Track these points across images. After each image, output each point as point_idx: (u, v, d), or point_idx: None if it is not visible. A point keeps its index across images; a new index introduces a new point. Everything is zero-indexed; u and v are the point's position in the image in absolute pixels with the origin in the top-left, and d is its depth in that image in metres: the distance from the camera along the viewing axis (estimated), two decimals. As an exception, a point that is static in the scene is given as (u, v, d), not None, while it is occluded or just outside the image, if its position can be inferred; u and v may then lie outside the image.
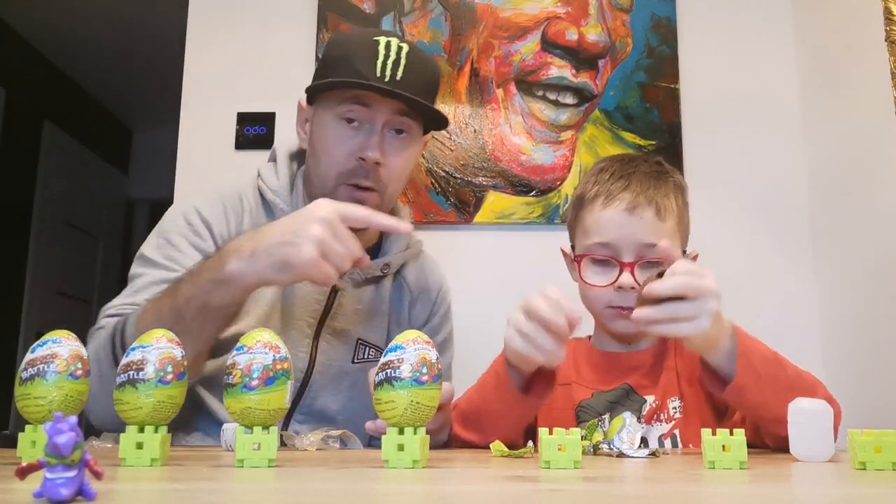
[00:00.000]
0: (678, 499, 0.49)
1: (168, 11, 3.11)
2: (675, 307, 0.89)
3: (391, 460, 0.62)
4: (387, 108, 1.11)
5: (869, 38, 1.60)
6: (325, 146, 1.13)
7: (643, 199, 1.11)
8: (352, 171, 1.11)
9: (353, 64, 1.09)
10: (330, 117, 1.12)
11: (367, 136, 1.11)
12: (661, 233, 1.11)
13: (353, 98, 1.10)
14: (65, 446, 0.39)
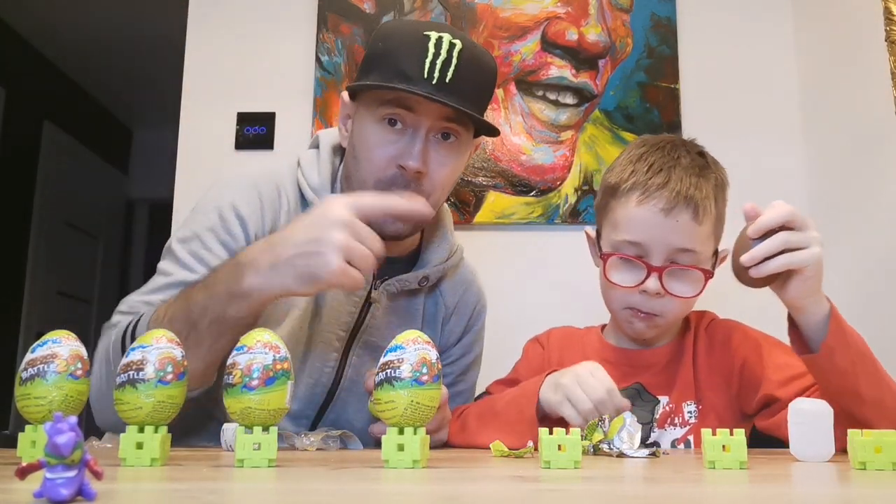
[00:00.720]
0: (678, 499, 0.49)
1: (168, 11, 3.11)
2: (786, 235, 0.85)
3: (391, 460, 0.62)
4: (433, 113, 1.01)
5: (869, 38, 1.60)
6: (365, 149, 1.04)
7: (681, 200, 1.04)
8: (391, 179, 1.02)
9: (398, 63, 1.00)
10: (371, 118, 1.03)
11: (409, 142, 1.02)
12: (697, 238, 1.05)
13: (397, 100, 1.01)
14: (65, 446, 0.39)
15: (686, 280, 1.06)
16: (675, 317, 1.10)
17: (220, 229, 1.04)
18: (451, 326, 1.21)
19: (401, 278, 1.12)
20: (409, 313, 1.16)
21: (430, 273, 1.15)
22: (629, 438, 0.81)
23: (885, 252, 1.57)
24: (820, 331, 0.90)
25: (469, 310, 1.24)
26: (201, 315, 0.90)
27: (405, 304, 1.16)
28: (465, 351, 1.24)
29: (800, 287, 0.89)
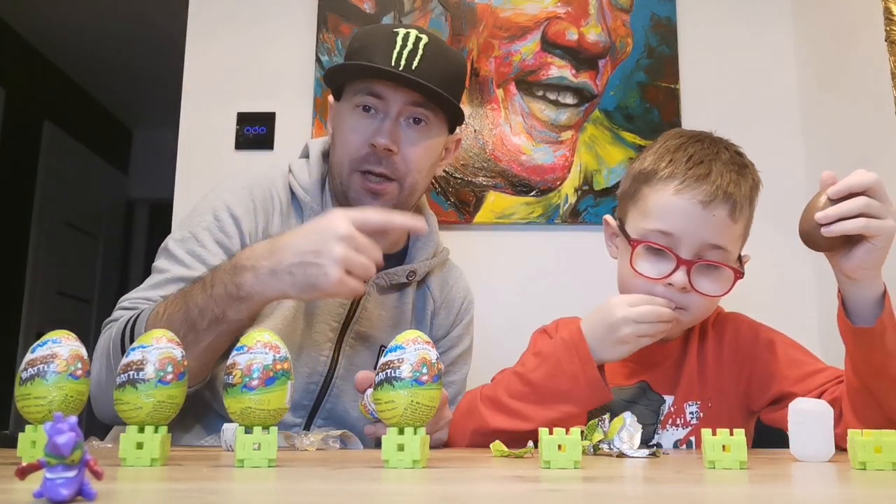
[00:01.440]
0: (678, 499, 0.49)
1: (168, 11, 3.11)
2: (867, 200, 0.83)
3: (391, 460, 0.62)
4: (400, 98, 1.10)
5: (869, 38, 1.60)
6: (340, 135, 1.14)
7: (721, 195, 1.01)
8: (364, 157, 1.10)
9: (368, 54, 1.09)
10: (347, 107, 1.13)
11: (378, 123, 1.10)
12: (729, 236, 1.03)
13: (366, 88, 1.10)
14: (65, 446, 0.39)
15: (714, 278, 1.03)
16: (696, 316, 1.06)
17: (215, 228, 1.09)
18: (439, 320, 1.26)
19: (389, 272, 1.17)
20: (399, 307, 1.20)
21: (417, 268, 1.20)
22: (629, 438, 0.81)
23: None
24: (871, 308, 0.89)
25: (457, 304, 1.28)
26: (200, 315, 0.93)
27: (395, 298, 1.20)
28: (453, 344, 1.27)
29: (866, 257, 0.87)
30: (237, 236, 1.09)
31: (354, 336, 1.15)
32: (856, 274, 0.89)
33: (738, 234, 1.05)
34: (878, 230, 0.84)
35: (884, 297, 0.89)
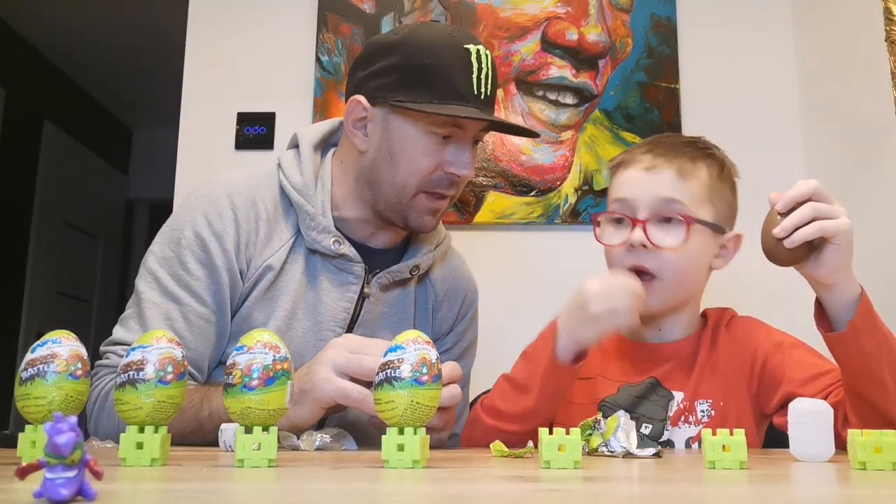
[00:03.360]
0: (678, 499, 0.49)
1: (168, 11, 3.11)
2: (815, 204, 0.86)
3: (391, 460, 0.62)
4: (478, 126, 1.08)
5: (869, 38, 1.60)
6: (409, 156, 1.07)
7: (663, 160, 1.08)
8: (436, 181, 1.08)
9: (451, 80, 1.04)
10: (417, 129, 1.06)
11: (458, 151, 1.08)
12: (682, 191, 1.06)
13: (452, 121, 1.05)
14: (65, 446, 0.39)
15: (674, 232, 1.05)
16: (672, 278, 1.06)
17: (196, 248, 1.07)
18: (442, 314, 1.23)
19: (391, 270, 1.14)
20: (401, 303, 1.18)
21: (420, 262, 1.17)
22: (626, 437, 0.81)
23: (885, 252, 1.57)
24: (848, 311, 0.90)
25: (460, 297, 1.26)
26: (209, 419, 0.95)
27: (397, 295, 1.17)
28: (458, 339, 1.26)
29: (832, 259, 0.88)
30: (220, 254, 1.07)
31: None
32: (829, 279, 0.91)
33: (693, 192, 1.07)
34: (836, 229, 0.86)
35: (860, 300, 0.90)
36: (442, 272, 1.24)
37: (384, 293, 1.16)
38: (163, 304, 1.05)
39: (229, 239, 1.07)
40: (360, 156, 1.11)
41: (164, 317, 1.05)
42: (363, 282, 1.12)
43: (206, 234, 1.07)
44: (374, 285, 1.13)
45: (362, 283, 1.12)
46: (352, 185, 1.13)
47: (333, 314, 1.11)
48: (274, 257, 1.09)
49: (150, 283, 1.07)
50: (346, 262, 1.11)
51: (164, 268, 1.07)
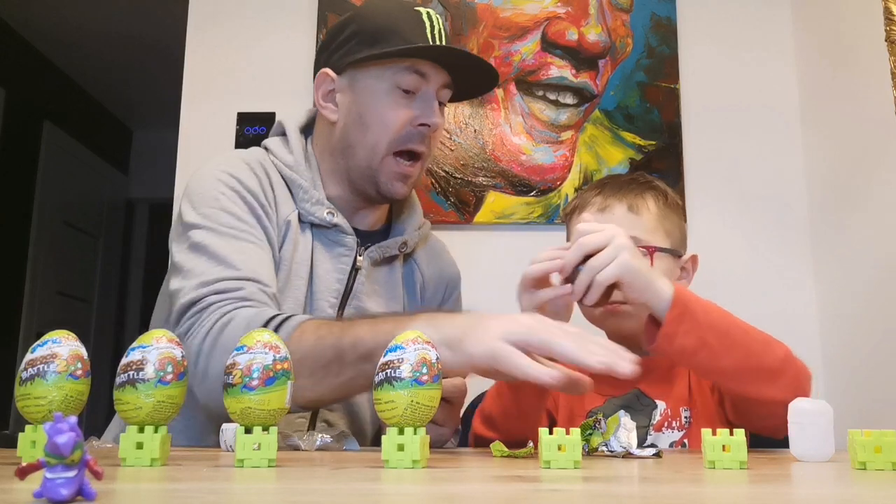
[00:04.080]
0: (678, 499, 0.49)
1: (168, 11, 3.11)
2: (591, 261, 0.90)
3: (391, 460, 0.62)
4: (440, 78, 1.12)
5: (869, 38, 1.60)
6: (378, 114, 1.10)
7: (614, 200, 1.13)
8: (406, 136, 1.11)
9: (404, 34, 1.08)
10: (382, 87, 1.10)
11: (425, 102, 1.11)
12: (637, 226, 1.11)
13: (411, 67, 1.09)
14: (65, 446, 0.39)
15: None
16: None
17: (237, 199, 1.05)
18: (429, 294, 1.26)
19: (381, 245, 1.18)
20: (390, 281, 1.21)
21: (408, 239, 1.21)
22: (626, 437, 0.81)
23: (886, 252, 1.57)
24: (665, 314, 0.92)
25: (445, 278, 1.29)
26: (353, 347, 0.87)
27: (385, 273, 1.21)
28: None
29: (630, 293, 0.93)
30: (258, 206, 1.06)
31: (353, 310, 1.15)
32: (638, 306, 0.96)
33: (646, 225, 1.12)
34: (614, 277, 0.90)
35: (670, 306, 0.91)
36: (425, 254, 1.27)
37: (374, 271, 1.18)
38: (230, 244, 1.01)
39: (260, 193, 1.08)
40: (332, 129, 1.15)
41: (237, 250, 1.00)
42: (355, 254, 1.15)
43: (238, 188, 1.07)
44: (365, 258, 1.16)
45: (354, 257, 1.15)
46: (329, 162, 1.16)
47: (328, 285, 1.12)
48: (290, 216, 1.11)
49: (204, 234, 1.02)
50: (339, 233, 1.13)
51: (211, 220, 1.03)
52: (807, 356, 1.86)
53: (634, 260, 0.91)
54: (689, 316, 0.90)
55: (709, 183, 1.90)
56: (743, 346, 0.92)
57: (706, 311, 0.92)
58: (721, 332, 0.91)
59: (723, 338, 0.91)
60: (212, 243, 1.00)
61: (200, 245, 1.00)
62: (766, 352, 0.93)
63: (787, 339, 1.87)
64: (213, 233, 1.01)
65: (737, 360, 0.92)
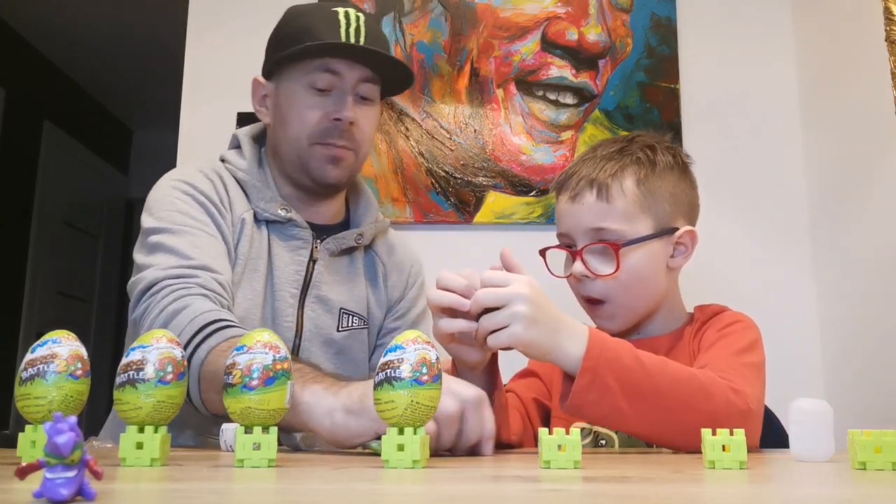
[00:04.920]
0: (678, 499, 0.49)
1: (168, 11, 3.11)
2: (485, 318, 0.84)
3: (391, 460, 0.62)
4: (354, 75, 1.16)
5: (869, 38, 1.60)
6: (295, 112, 1.16)
7: (584, 184, 1.08)
8: (325, 130, 1.15)
9: (316, 34, 1.13)
10: (298, 87, 1.16)
11: (339, 98, 1.15)
12: (608, 216, 1.06)
13: (322, 66, 1.14)
14: (65, 446, 0.39)
15: (605, 257, 1.07)
16: (621, 300, 1.08)
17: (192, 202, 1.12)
18: (392, 283, 1.31)
19: (337, 236, 1.23)
20: (351, 272, 1.26)
21: (364, 231, 1.26)
22: None
23: (886, 251, 1.57)
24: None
25: (406, 266, 1.33)
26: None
27: (346, 263, 1.26)
28: (411, 305, 1.32)
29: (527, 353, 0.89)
30: (212, 206, 1.13)
31: (314, 299, 1.20)
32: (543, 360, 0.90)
33: (620, 212, 1.06)
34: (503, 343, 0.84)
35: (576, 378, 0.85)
36: (385, 246, 1.32)
37: (334, 262, 1.23)
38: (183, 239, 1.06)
39: (213, 196, 1.15)
40: (271, 132, 1.23)
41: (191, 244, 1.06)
42: (312, 247, 1.20)
43: (192, 192, 1.14)
44: (321, 250, 1.21)
45: (311, 249, 1.20)
46: (275, 163, 1.23)
47: (287, 276, 1.18)
48: (246, 214, 1.17)
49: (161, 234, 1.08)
50: (294, 227, 1.19)
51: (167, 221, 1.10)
52: (807, 356, 1.87)
53: (528, 331, 0.83)
54: (599, 383, 0.84)
55: (709, 183, 1.89)
56: (660, 408, 0.86)
57: (622, 373, 0.85)
58: (636, 396, 0.85)
59: (638, 402, 0.85)
60: (167, 241, 1.07)
61: (157, 244, 1.08)
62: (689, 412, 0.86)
63: (788, 339, 1.88)
64: (168, 233, 1.08)
65: (652, 423, 0.87)
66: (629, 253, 1.06)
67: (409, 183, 1.90)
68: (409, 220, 1.88)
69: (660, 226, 1.10)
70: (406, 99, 1.92)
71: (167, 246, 1.06)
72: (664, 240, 1.10)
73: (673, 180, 1.13)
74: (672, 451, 0.93)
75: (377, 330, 1.28)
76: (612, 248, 1.06)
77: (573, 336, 0.86)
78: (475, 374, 0.93)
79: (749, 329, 1.07)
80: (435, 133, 1.92)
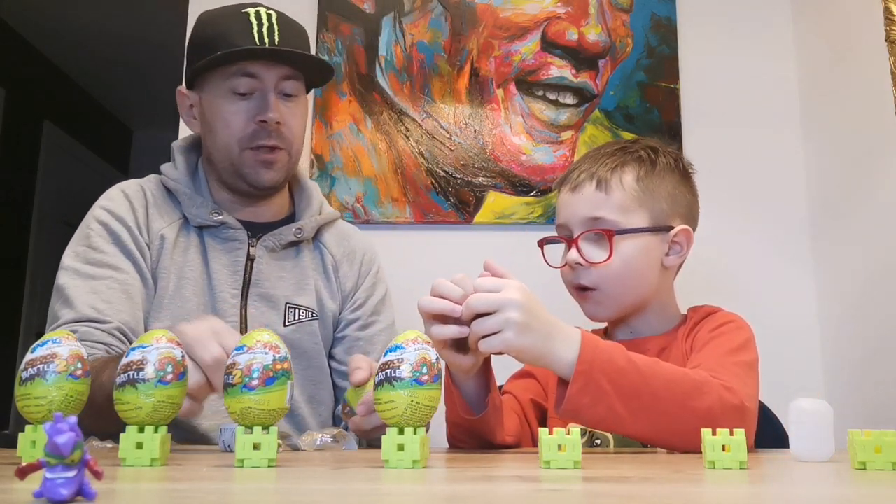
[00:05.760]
0: (678, 499, 0.49)
1: (168, 12, 3.11)
2: (477, 323, 0.84)
3: (391, 460, 0.62)
4: (273, 75, 1.16)
5: (869, 38, 1.60)
6: (221, 119, 1.18)
7: (585, 176, 1.12)
8: (252, 134, 1.17)
9: (230, 39, 1.14)
10: (220, 94, 1.17)
11: (261, 100, 1.16)
12: (605, 206, 1.09)
13: (240, 71, 1.15)
14: (65, 446, 0.39)
15: (600, 245, 1.10)
16: (612, 289, 1.10)
17: (103, 233, 1.17)
18: (343, 273, 1.30)
19: (275, 233, 1.24)
20: (297, 267, 1.26)
21: (304, 224, 1.26)
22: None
23: (886, 251, 1.57)
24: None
25: (358, 256, 1.33)
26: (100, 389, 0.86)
27: (291, 258, 1.26)
28: (370, 293, 1.32)
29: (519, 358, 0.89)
30: (125, 231, 1.17)
31: (256, 297, 1.20)
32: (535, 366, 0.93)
33: (617, 203, 1.10)
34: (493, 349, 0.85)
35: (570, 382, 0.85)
36: (333, 237, 1.32)
37: (276, 258, 1.24)
38: (85, 284, 1.12)
39: (129, 218, 1.19)
40: (203, 140, 1.24)
41: (90, 290, 1.10)
42: (248, 246, 1.21)
43: (107, 219, 1.18)
44: (259, 248, 1.22)
45: (248, 247, 1.21)
46: (210, 170, 1.25)
47: (225, 278, 1.19)
48: (165, 229, 1.19)
49: (69, 275, 1.13)
50: (228, 229, 1.21)
51: (79, 259, 1.15)
52: (807, 356, 1.87)
53: (520, 338, 0.83)
54: (594, 386, 0.84)
55: (708, 183, 1.89)
56: (655, 409, 0.87)
57: (615, 375, 0.85)
58: (631, 397, 0.85)
59: (632, 403, 0.86)
60: (67, 284, 1.12)
61: (62, 287, 1.13)
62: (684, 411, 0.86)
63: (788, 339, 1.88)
64: (75, 274, 1.13)
65: (648, 424, 0.88)
66: (622, 242, 1.09)
67: (409, 183, 1.90)
68: (409, 220, 1.88)
69: (655, 222, 1.12)
70: (406, 99, 1.92)
71: (65, 294, 1.11)
72: (659, 236, 1.12)
73: (672, 182, 1.15)
74: (668, 451, 0.93)
75: (333, 322, 1.28)
76: (606, 234, 1.09)
77: (566, 341, 0.86)
78: (468, 377, 0.93)
79: (741, 329, 1.08)
80: (435, 133, 1.92)
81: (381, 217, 1.87)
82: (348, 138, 1.89)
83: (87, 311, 1.08)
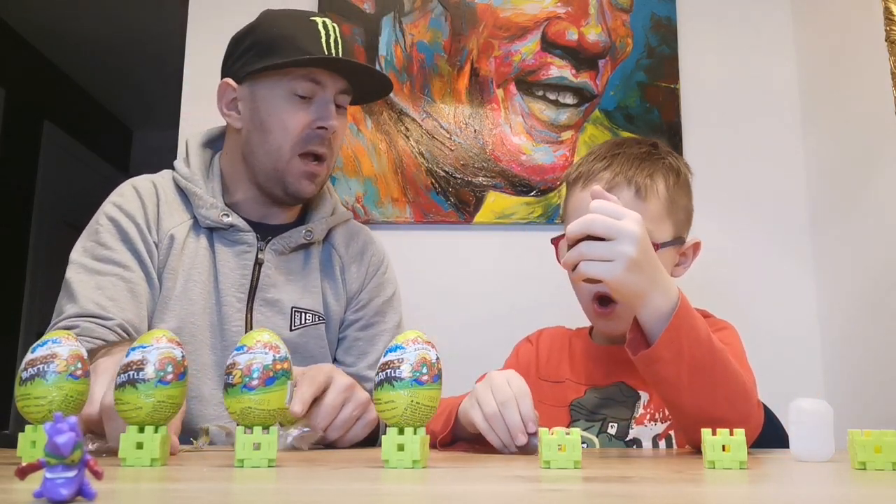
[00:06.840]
0: (678, 499, 0.49)
1: (168, 11, 3.11)
2: (585, 246, 0.81)
3: (391, 460, 0.62)
4: (334, 85, 1.18)
5: (869, 38, 1.60)
6: (278, 121, 1.17)
7: (622, 179, 1.05)
8: (306, 138, 1.16)
9: (298, 43, 1.15)
10: (280, 94, 1.17)
11: (321, 107, 1.17)
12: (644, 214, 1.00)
13: (307, 75, 1.15)
14: (65, 446, 0.39)
15: None
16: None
17: (112, 229, 1.17)
18: (351, 275, 1.29)
19: (284, 236, 1.22)
20: (305, 269, 1.25)
21: (313, 227, 1.25)
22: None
23: (886, 252, 1.57)
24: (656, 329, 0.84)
25: (367, 257, 1.32)
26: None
27: (300, 260, 1.25)
28: (374, 294, 1.30)
29: (616, 295, 0.88)
30: (134, 228, 1.17)
31: (262, 302, 1.19)
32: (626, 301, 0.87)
33: (653, 212, 1.05)
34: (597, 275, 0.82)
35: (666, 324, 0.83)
36: (343, 237, 1.31)
37: (285, 262, 1.23)
38: (91, 280, 1.12)
39: (139, 215, 1.18)
40: (237, 136, 1.22)
41: (95, 286, 1.11)
42: (257, 249, 1.20)
43: (117, 216, 1.18)
44: (268, 252, 1.21)
45: (256, 251, 1.20)
46: (237, 168, 1.23)
47: (232, 281, 1.18)
48: (175, 229, 1.19)
49: (76, 270, 1.15)
50: (238, 232, 1.20)
51: (87, 254, 1.16)
52: (807, 356, 1.87)
53: (629, 274, 0.80)
54: (677, 346, 0.82)
55: (709, 183, 1.89)
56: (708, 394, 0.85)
57: (695, 344, 0.84)
58: (696, 370, 0.84)
59: (695, 377, 0.84)
60: (73, 279, 1.14)
61: (68, 281, 1.14)
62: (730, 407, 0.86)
63: (788, 339, 1.88)
64: (82, 269, 1.14)
65: (696, 403, 0.86)
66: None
67: (409, 183, 1.90)
68: (409, 220, 1.88)
69: (676, 234, 1.09)
70: (406, 99, 1.92)
71: (71, 288, 1.12)
72: (675, 248, 1.10)
73: (687, 191, 1.14)
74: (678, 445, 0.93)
75: (338, 323, 1.27)
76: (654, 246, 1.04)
77: (666, 292, 0.83)
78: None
79: (732, 335, 1.08)
80: (435, 133, 1.92)
81: (381, 217, 1.87)
82: (348, 138, 1.89)
83: (90, 307, 1.09)
